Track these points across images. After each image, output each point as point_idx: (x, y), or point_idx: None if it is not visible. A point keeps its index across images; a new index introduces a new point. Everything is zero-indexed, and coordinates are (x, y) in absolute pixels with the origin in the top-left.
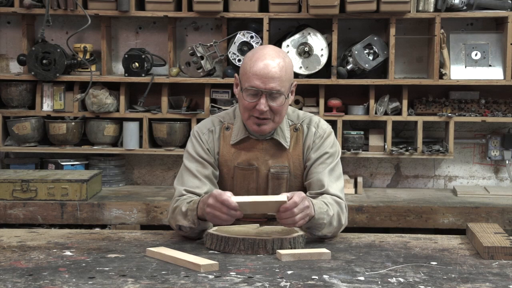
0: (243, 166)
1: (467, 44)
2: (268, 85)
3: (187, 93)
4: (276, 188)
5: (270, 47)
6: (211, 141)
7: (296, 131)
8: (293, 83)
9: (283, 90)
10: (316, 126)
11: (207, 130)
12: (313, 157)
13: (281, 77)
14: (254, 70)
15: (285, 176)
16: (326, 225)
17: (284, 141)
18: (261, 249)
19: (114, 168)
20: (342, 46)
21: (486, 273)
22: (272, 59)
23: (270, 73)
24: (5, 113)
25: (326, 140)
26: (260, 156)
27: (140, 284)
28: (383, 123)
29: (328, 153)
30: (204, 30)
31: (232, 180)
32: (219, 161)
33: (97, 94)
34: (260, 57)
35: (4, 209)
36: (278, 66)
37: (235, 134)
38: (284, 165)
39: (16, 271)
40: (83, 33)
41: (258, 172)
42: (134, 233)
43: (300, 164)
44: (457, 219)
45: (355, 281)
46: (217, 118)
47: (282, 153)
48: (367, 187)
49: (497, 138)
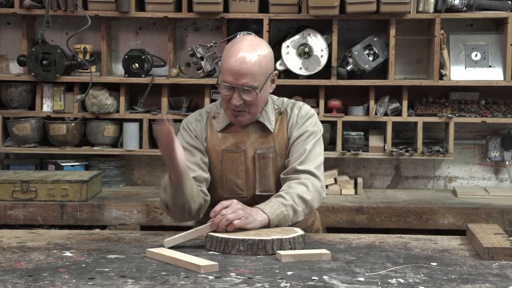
0: (230, 149)
1: (467, 44)
2: (240, 81)
3: (187, 93)
4: (263, 168)
5: (247, 39)
6: (199, 128)
7: (281, 114)
8: (272, 74)
9: (257, 84)
10: (299, 108)
11: (194, 120)
12: (294, 135)
13: (253, 72)
14: (227, 66)
15: (271, 155)
16: (291, 215)
17: (269, 123)
18: (261, 250)
19: (114, 168)
20: (342, 47)
21: (486, 274)
22: (246, 53)
23: (241, 69)
24: (5, 114)
25: (308, 120)
26: (247, 139)
27: (140, 285)
28: (383, 123)
29: (308, 131)
30: (204, 31)
31: (221, 164)
32: (207, 147)
33: (97, 95)
34: (235, 51)
35: (4, 210)
36: (252, 61)
37: (220, 121)
38: (270, 145)
39: (16, 272)
40: (83, 34)
41: (246, 154)
42: (134, 233)
43: (285, 144)
44: (457, 219)
45: (355, 282)
46: (204, 110)
47: (267, 134)
48: (367, 187)
49: (497, 139)
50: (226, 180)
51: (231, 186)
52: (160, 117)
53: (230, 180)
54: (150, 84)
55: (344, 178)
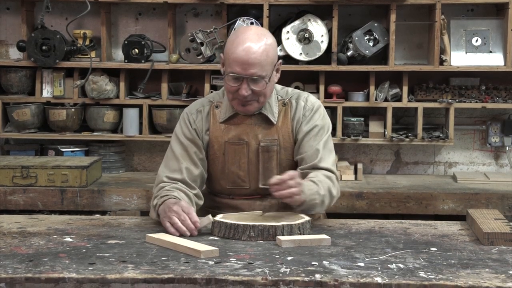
0: (233, 141)
1: (468, 30)
2: (249, 71)
3: (187, 79)
4: (267, 161)
5: (252, 29)
6: (199, 120)
7: (285, 105)
8: (277, 63)
9: (265, 74)
10: (305, 100)
11: (195, 111)
12: (304, 130)
13: (261, 62)
14: (235, 56)
15: (275, 148)
16: (319, 204)
17: (272, 116)
18: (271, 236)
19: (114, 154)
20: (342, 32)
21: (485, 259)
22: (253, 43)
23: (250, 59)
24: (5, 99)
25: (316, 113)
26: (250, 131)
27: (140, 270)
28: (383, 109)
29: (318, 125)
30: (204, 16)
31: (223, 156)
32: (210, 138)
33: (97, 81)
34: (241, 41)
35: (4, 195)
36: (259, 51)
37: (223, 112)
38: (274, 138)
39: (17, 257)
40: (82, 19)
41: (249, 146)
42: (134, 219)
43: (289, 137)
44: (457, 205)
45: (355, 267)
46: (207, 98)
47: (271, 127)
48: (367, 173)
49: (497, 124)
50: (228, 172)
51: (233, 177)
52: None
53: (232, 172)
54: (150, 69)
55: (344, 164)
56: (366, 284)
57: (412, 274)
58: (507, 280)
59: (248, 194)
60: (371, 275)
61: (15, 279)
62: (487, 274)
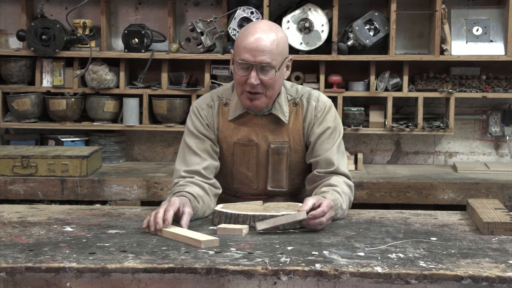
0: (242, 142)
1: (469, 19)
2: (258, 58)
3: (187, 69)
4: (277, 164)
5: (264, 22)
6: (210, 116)
7: (296, 105)
8: (288, 58)
9: (274, 63)
10: (316, 100)
11: (206, 106)
12: (316, 132)
13: (272, 50)
14: (245, 44)
15: (285, 151)
16: (338, 216)
17: (283, 115)
18: None
19: (114, 144)
20: (342, 21)
21: (485, 249)
22: (264, 33)
23: (260, 46)
24: (5, 89)
25: (327, 114)
26: (260, 132)
27: (141, 260)
28: (384, 99)
29: (330, 127)
30: (204, 6)
31: (232, 156)
32: (219, 137)
33: (97, 70)
34: (252, 31)
35: (4, 185)
36: (269, 39)
37: (233, 109)
38: (284, 140)
39: (17, 247)
40: (82, 9)
41: (258, 147)
42: (135, 209)
43: (300, 139)
44: (457, 195)
45: (355, 257)
46: (216, 93)
47: (281, 128)
48: (367, 163)
49: (497, 114)
50: (236, 172)
51: (241, 178)
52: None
53: (241, 172)
54: (150, 59)
55: None
56: (366, 274)
57: (412, 263)
58: (507, 270)
59: (255, 194)
60: (371, 265)
61: (15, 268)
62: (487, 264)
